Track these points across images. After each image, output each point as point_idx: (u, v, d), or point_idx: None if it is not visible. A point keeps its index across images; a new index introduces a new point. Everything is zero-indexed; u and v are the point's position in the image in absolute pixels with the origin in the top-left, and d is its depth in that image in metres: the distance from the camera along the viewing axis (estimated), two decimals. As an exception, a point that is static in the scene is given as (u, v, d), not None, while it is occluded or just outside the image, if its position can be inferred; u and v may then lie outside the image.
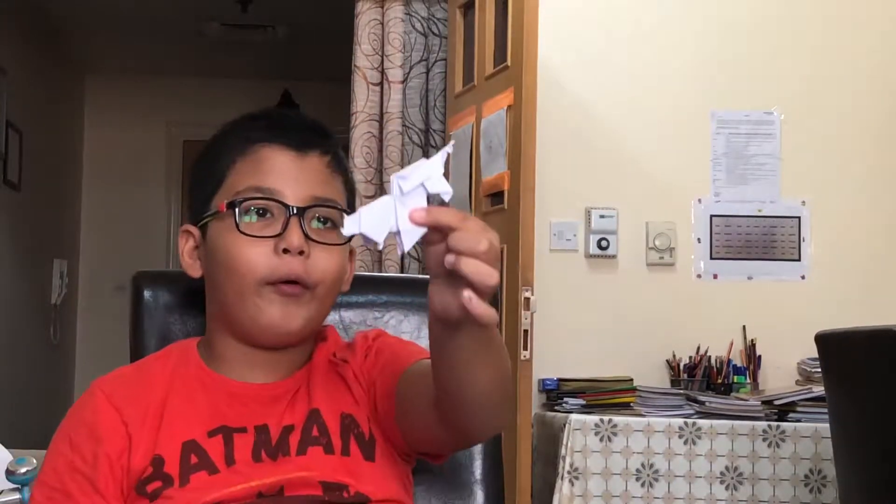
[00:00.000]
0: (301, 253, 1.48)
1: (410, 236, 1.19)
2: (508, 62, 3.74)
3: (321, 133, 1.58)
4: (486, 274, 1.15)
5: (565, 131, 4.17)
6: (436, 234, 1.18)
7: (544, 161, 3.83)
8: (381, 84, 4.33)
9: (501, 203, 3.71)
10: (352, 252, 1.62)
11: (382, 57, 4.32)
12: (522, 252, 3.52)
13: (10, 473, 1.67)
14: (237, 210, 1.50)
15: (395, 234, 1.20)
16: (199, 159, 1.60)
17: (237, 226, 1.49)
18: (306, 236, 1.49)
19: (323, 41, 6.93)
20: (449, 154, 1.22)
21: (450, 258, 1.15)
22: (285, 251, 1.47)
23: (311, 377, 1.55)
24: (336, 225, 1.53)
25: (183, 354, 1.57)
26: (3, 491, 1.68)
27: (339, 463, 1.48)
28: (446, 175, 1.21)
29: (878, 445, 2.87)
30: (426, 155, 4.32)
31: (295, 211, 1.49)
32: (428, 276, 1.23)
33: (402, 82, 4.32)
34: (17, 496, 1.67)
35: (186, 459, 1.46)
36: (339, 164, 1.58)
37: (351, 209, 1.58)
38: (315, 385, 1.53)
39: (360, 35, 4.33)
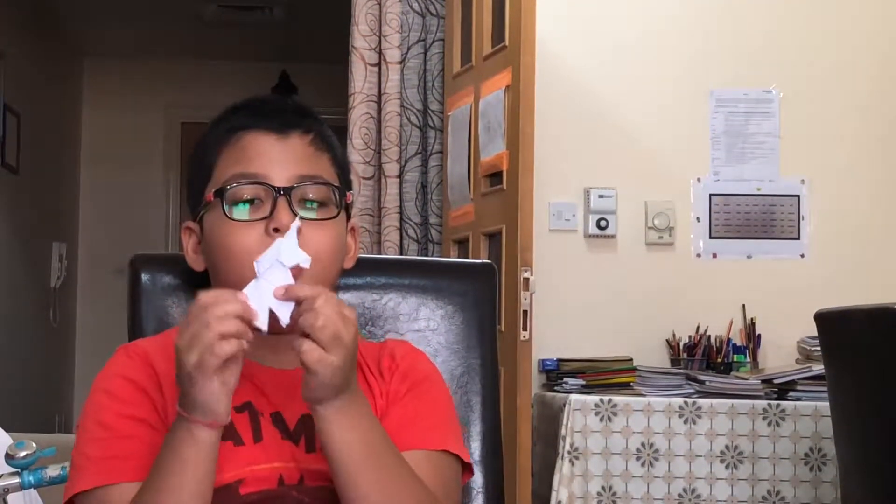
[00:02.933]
0: None
1: (283, 310, 1.35)
2: (506, 42, 3.72)
3: (301, 113, 1.58)
4: (315, 359, 1.32)
5: (564, 111, 4.16)
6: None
7: (543, 141, 3.82)
8: (378, 65, 4.31)
9: (500, 183, 3.71)
10: (353, 229, 1.63)
11: (380, 37, 4.30)
12: (521, 232, 3.51)
13: (9, 457, 1.66)
14: (224, 197, 1.51)
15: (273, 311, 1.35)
16: (191, 156, 1.61)
17: (225, 213, 1.50)
18: (295, 214, 1.49)
19: (320, 22, 6.91)
20: (299, 228, 1.40)
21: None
22: (276, 230, 1.47)
23: None
24: (327, 202, 1.53)
25: None
26: (2, 475, 1.68)
27: None
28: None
29: (878, 423, 2.87)
30: (424, 136, 4.31)
31: (281, 191, 1.50)
32: (428, 259, 1.25)
33: (400, 63, 4.30)
34: (16, 480, 1.66)
35: None
36: (324, 141, 1.58)
37: (344, 185, 1.59)
38: None
39: (357, 15, 4.31)
